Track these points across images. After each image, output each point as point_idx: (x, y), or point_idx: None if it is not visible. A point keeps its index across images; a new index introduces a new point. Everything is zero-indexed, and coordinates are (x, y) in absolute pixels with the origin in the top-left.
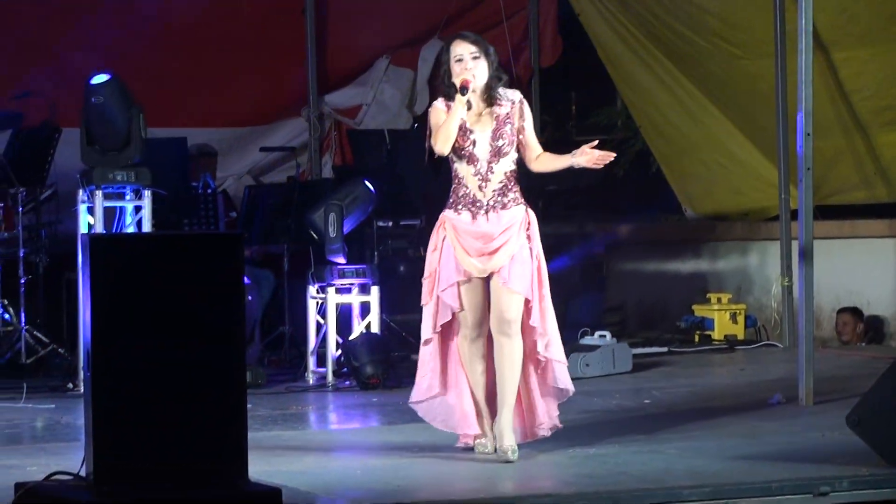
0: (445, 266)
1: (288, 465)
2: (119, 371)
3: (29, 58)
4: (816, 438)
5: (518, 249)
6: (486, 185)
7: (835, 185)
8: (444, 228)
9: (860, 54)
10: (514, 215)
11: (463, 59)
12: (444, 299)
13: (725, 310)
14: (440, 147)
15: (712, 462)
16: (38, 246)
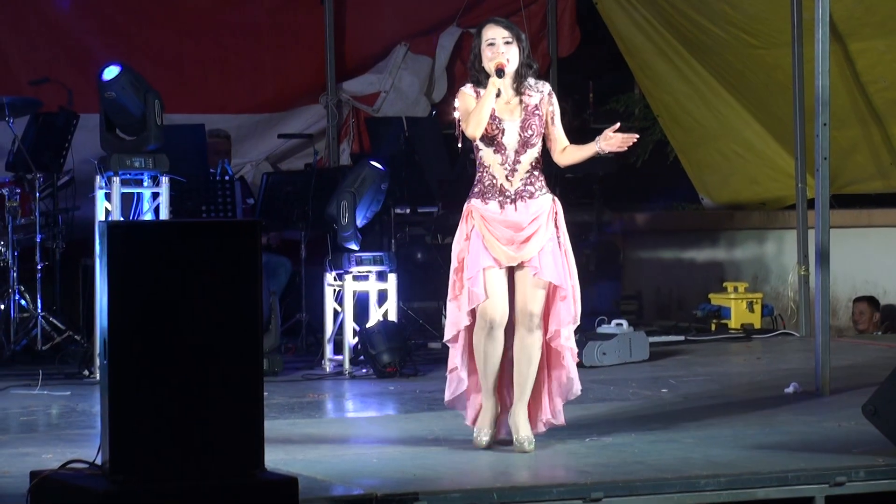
0: (473, 254)
1: (304, 453)
2: (136, 359)
3: (46, 44)
4: (833, 428)
5: (547, 240)
6: (513, 174)
7: (851, 174)
8: (473, 218)
9: (877, 45)
10: (541, 204)
11: (495, 44)
12: (472, 287)
13: (742, 299)
14: (472, 131)
15: (729, 451)
16: (55, 232)
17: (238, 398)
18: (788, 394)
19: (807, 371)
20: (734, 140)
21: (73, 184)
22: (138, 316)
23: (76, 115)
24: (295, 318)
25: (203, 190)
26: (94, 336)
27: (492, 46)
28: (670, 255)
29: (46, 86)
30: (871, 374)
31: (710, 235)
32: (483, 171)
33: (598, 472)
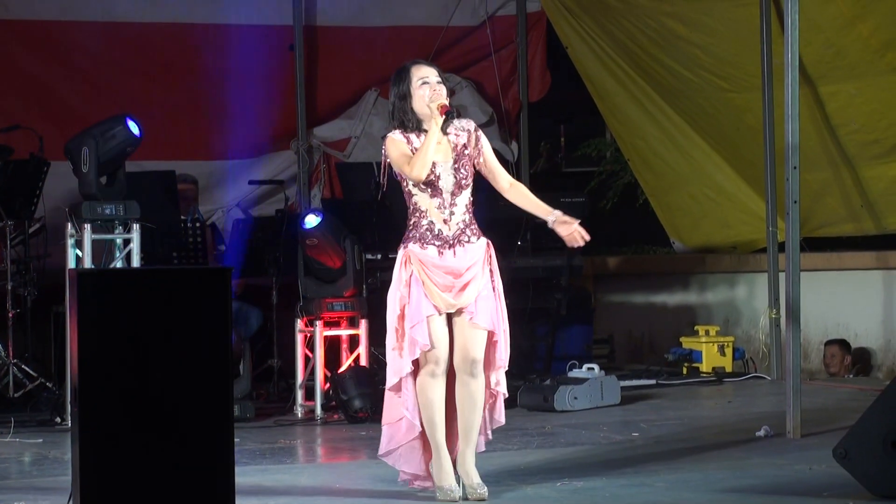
0: (414, 302)
1: (276, 500)
2: (106, 406)
3: (17, 91)
4: (804, 471)
5: (483, 286)
6: (450, 218)
7: (822, 217)
8: (411, 263)
9: (847, 88)
10: (477, 250)
11: (430, 82)
12: (414, 336)
13: (713, 342)
14: (417, 173)
15: (700, 495)
16: (26, 279)
17: (209, 445)
18: (759, 437)
19: (778, 414)
20: (705, 183)
21: (45, 231)
22: (109, 363)
23: (47, 163)
24: (266, 364)
25: (174, 236)
26: (65, 383)
27: (426, 84)
28: (641, 299)
29: (17, 132)
30: (842, 417)
31: (682, 279)
32: (419, 217)
33: None
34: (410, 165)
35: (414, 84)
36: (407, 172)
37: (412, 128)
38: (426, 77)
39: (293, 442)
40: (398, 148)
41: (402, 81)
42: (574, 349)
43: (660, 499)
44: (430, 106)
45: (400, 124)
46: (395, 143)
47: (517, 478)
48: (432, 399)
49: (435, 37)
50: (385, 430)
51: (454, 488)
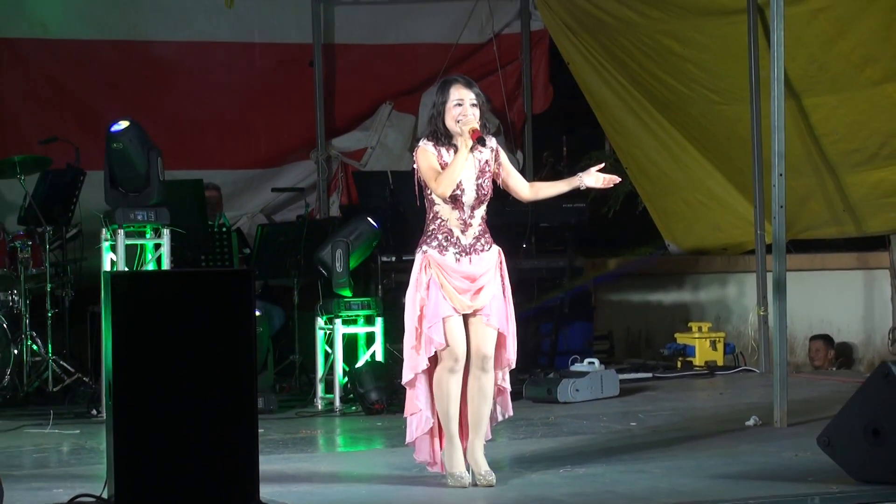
0: (433, 304)
1: (297, 486)
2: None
3: (55, 105)
4: (790, 458)
5: (496, 290)
6: (468, 229)
7: (807, 221)
8: (430, 267)
9: (829, 100)
10: (490, 258)
11: (463, 104)
12: (432, 335)
13: (706, 338)
14: (443, 190)
15: (694, 481)
16: (63, 281)
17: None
18: (749, 426)
19: (766, 405)
20: (698, 190)
21: (81, 236)
22: (141, 359)
23: (83, 172)
24: (288, 360)
25: (202, 241)
26: (100, 378)
27: (460, 106)
28: (639, 298)
29: (55, 144)
30: (825, 408)
31: (676, 279)
32: (439, 224)
33: (572, 501)
34: (438, 182)
35: (450, 103)
36: (434, 188)
37: (444, 141)
38: (461, 99)
39: (314, 432)
40: (428, 160)
41: (440, 96)
42: (576, 345)
43: (656, 484)
44: (462, 128)
45: (433, 134)
46: (425, 155)
47: (523, 465)
48: (449, 393)
49: (445, 54)
50: (409, 420)
51: (465, 475)
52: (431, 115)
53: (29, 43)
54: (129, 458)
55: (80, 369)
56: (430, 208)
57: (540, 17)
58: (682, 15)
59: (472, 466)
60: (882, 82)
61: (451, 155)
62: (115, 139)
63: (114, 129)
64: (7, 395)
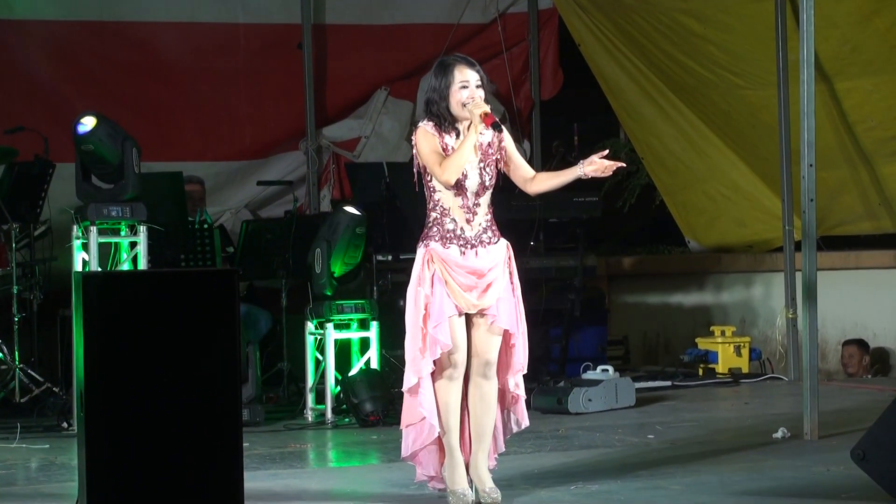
0: (437, 302)
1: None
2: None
3: (22, 92)
4: (822, 473)
5: (504, 288)
6: (473, 218)
7: (839, 216)
8: (434, 262)
9: (864, 84)
10: (498, 251)
11: (469, 86)
12: (438, 336)
13: (729, 342)
14: (449, 177)
15: (717, 498)
16: (32, 283)
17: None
18: (777, 439)
19: (795, 416)
20: (720, 182)
21: (50, 234)
22: (116, 368)
23: (52, 164)
24: (276, 368)
25: (182, 238)
26: (72, 388)
27: (465, 88)
28: (657, 300)
29: (22, 135)
30: (860, 419)
31: (697, 279)
32: (441, 214)
33: None
34: (443, 168)
35: (454, 85)
36: (437, 174)
37: (446, 125)
38: (467, 81)
39: (303, 446)
40: (430, 143)
41: (442, 78)
42: (588, 350)
43: (675, 502)
44: (473, 112)
45: (433, 118)
46: (426, 137)
47: (531, 481)
48: (448, 402)
49: (445, 35)
50: (406, 432)
51: (467, 492)
52: (430, 99)
53: None
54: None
55: (50, 378)
56: (431, 196)
57: None
58: None
59: (476, 483)
60: None
61: (454, 139)
62: (84, 141)
63: (80, 130)
64: None
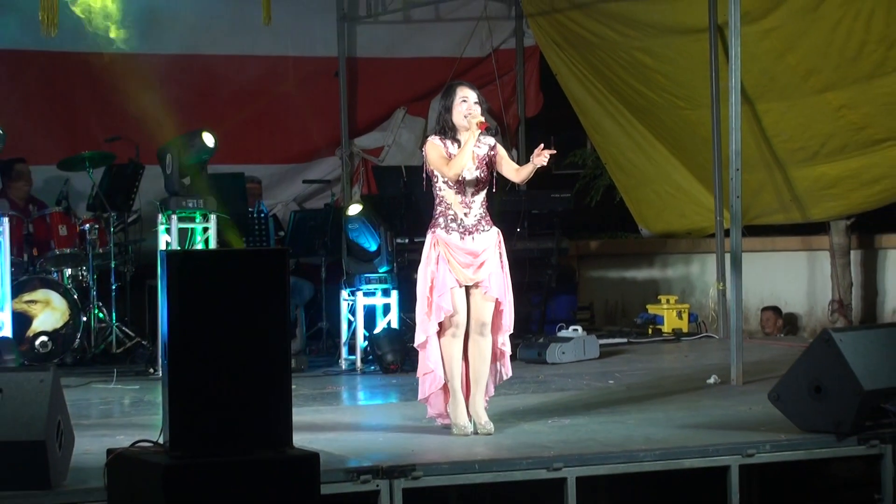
0: (441, 276)
1: (325, 434)
2: (190, 360)
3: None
4: (745, 412)
5: (495, 265)
6: (469, 210)
7: (759, 209)
8: (438, 245)
9: (779, 106)
10: (491, 237)
11: (468, 101)
12: (441, 303)
13: (673, 308)
14: (454, 172)
15: (662, 430)
16: (125, 259)
17: (271, 390)
18: (710, 384)
19: (724, 366)
20: (666, 182)
21: (140, 220)
22: (192, 326)
23: (142, 166)
24: (317, 327)
25: (243, 225)
26: (157, 342)
27: (464, 102)
28: (616, 274)
29: (118, 142)
30: (775, 369)
31: (648, 258)
32: (445, 207)
33: (558, 447)
34: (449, 166)
35: (456, 101)
36: (445, 172)
37: (449, 135)
38: (466, 97)
39: (338, 388)
40: (437, 151)
41: (448, 96)
42: (562, 314)
43: (631, 433)
44: (470, 121)
45: (440, 130)
46: (434, 147)
47: (517, 416)
48: (452, 354)
49: (451, 66)
50: (422, 379)
51: (467, 425)
52: (439, 113)
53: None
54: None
55: (140, 334)
56: (437, 194)
57: (532, 35)
58: (653, 34)
59: (474, 418)
60: (824, 91)
61: (455, 147)
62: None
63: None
64: (77, 356)
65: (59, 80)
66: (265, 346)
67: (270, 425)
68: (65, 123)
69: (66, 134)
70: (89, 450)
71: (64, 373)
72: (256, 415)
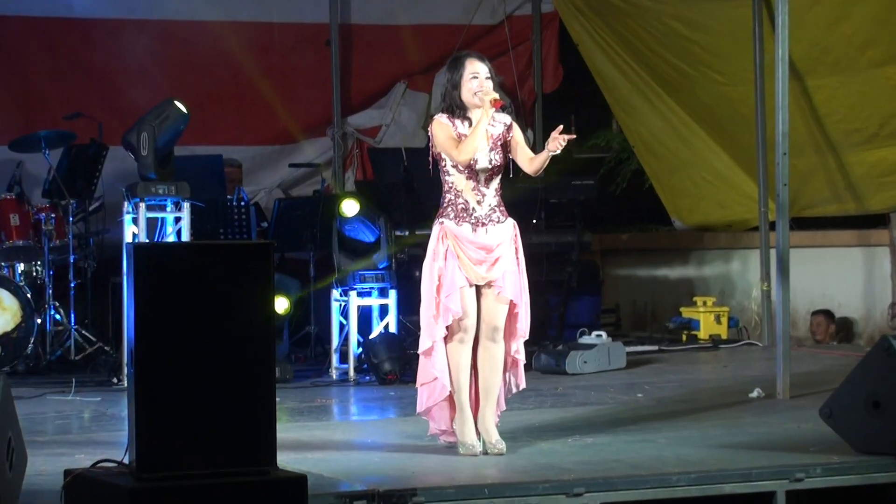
0: (449, 274)
1: (313, 453)
2: (160, 368)
3: (80, 83)
4: (792, 429)
5: (510, 262)
6: (483, 199)
7: (809, 199)
8: (447, 238)
9: (831, 82)
10: (506, 229)
11: (478, 77)
12: (449, 305)
13: (710, 312)
14: (465, 156)
15: (698, 450)
16: (86, 253)
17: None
18: (752, 398)
19: (769, 378)
20: (703, 168)
21: (103, 209)
22: (162, 329)
23: (106, 147)
24: (305, 331)
25: (221, 214)
26: (121, 347)
27: (475, 79)
28: (645, 273)
29: (79, 120)
30: (827, 381)
31: (682, 254)
32: (455, 195)
33: (579, 470)
34: (459, 149)
35: (465, 76)
36: (455, 155)
37: (458, 114)
38: (477, 72)
39: (329, 401)
40: (445, 131)
41: (455, 71)
42: (584, 318)
43: (661, 454)
44: (484, 98)
45: (448, 108)
46: (442, 127)
47: (532, 434)
48: (459, 362)
49: (458, 35)
50: (421, 390)
51: (475, 443)
52: (445, 90)
53: (55, 22)
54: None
55: (102, 338)
56: (445, 180)
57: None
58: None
59: (483, 435)
60: (882, 64)
61: (466, 127)
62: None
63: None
64: (31, 364)
65: (11, 49)
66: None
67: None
68: (17, 98)
69: (19, 110)
70: (44, 471)
71: (15, 382)
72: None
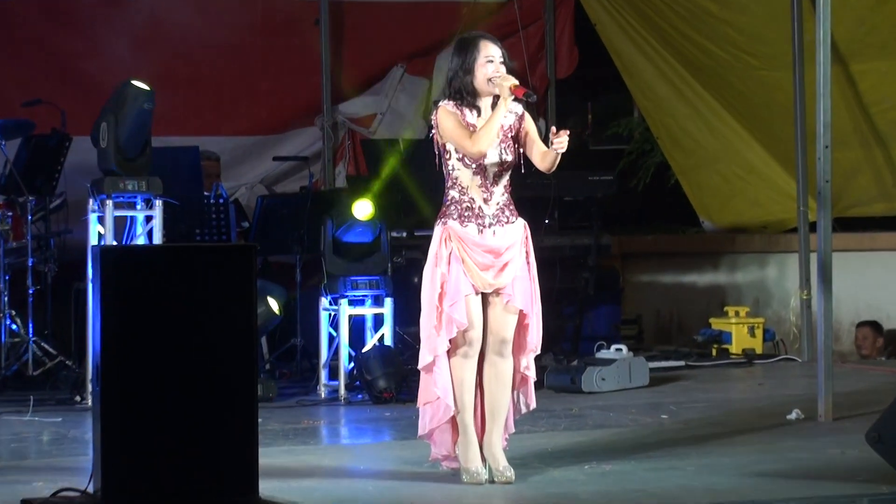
0: (454, 280)
1: (299, 481)
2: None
3: (39, 65)
4: (836, 455)
5: (520, 268)
6: (491, 197)
7: (853, 197)
8: (451, 240)
9: (879, 66)
10: (516, 231)
11: (494, 61)
12: (452, 314)
13: (743, 323)
14: (481, 148)
15: (730, 479)
16: (46, 255)
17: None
18: (791, 420)
19: (809, 397)
20: (735, 162)
21: (66, 207)
22: (131, 342)
23: (69, 138)
24: (290, 343)
25: (197, 213)
26: (86, 362)
27: (491, 63)
28: (670, 279)
29: (39, 107)
30: (874, 401)
31: (711, 259)
32: (460, 192)
33: (596, 501)
34: (473, 140)
35: (480, 61)
36: (468, 147)
37: (467, 102)
38: (491, 56)
39: (317, 422)
40: (454, 120)
41: (467, 54)
42: (601, 329)
43: (689, 483)
44: (503, 84)
45: (456, 95)
46: (449, 115)
47: (544, 460)
48: (463, 379)
49: (462, 13)
50: (423, 410)
51: (480, 471)
52: (454, 75)
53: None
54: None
55: (63, 352)
56: (449, 175)
57: None
58: None
59: (490, 461)
60: None
61: (475, 116)
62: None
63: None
64: None
65: None
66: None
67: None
68: None
69: None
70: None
71: None
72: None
